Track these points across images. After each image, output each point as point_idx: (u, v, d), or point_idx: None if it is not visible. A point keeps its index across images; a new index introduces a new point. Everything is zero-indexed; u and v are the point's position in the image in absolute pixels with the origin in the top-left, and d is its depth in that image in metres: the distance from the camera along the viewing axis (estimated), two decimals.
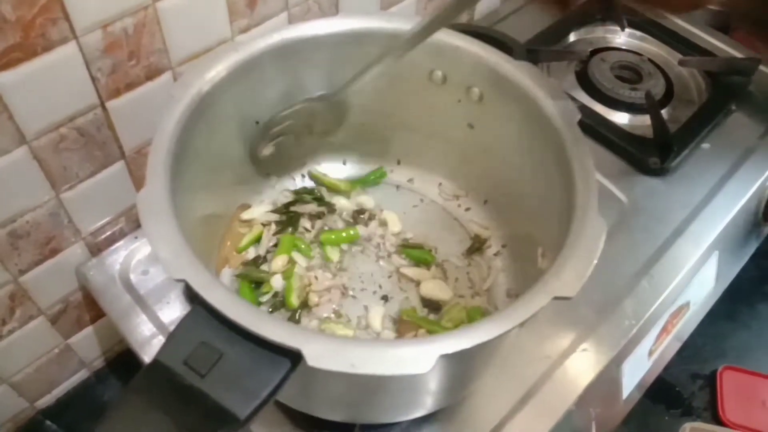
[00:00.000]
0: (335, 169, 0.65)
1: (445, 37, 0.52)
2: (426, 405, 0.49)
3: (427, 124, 0.60)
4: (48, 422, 0.71)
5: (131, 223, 0.64)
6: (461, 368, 0.45)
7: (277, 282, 0.56)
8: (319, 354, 0.34)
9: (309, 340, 0.34)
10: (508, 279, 0.59)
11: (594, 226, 0.40)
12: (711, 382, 0.79)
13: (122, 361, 0.75)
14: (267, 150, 0.56)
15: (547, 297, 0.37)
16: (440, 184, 0.64)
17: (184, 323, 0.36)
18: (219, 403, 0.34)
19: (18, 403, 0.68)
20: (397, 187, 0.65)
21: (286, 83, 0.54)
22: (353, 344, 0.35)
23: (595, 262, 0.38)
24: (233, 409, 0.34)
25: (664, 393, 0.78)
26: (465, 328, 0.36)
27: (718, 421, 0.77)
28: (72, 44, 0.48)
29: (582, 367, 0.57)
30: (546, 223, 0.48)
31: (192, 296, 0.37)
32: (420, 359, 0.34)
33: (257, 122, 0.54)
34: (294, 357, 0.35)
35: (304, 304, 0.55)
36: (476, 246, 0.60)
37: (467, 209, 0.63)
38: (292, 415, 0.52)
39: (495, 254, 0.60)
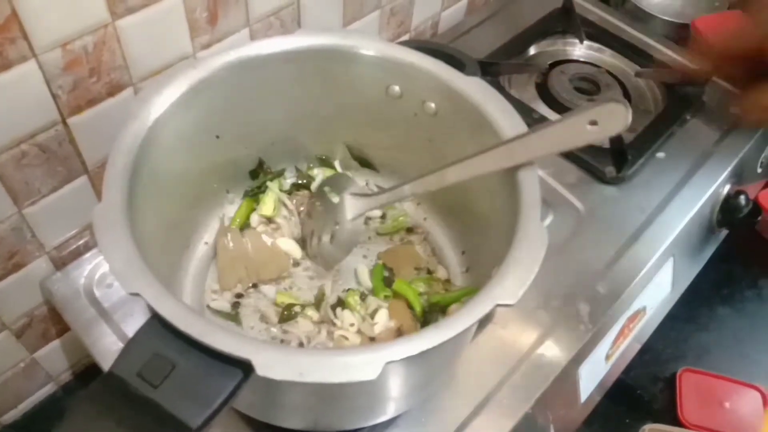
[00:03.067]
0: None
1: (399, 53, 0.54)
2: (385, 411, 0.50)
3: (387, 138, 0.61)
4: None
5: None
6: (414, 373, 0.46)
7: None
8: (268, 363, 0.35)
9: (259, 350, 0.35)
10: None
11: (537, 236, 0.42)
12: (671, 383, 0.81)
13: (90, 374, 0.75)
14: None
15: (490, 304, 0.38)
16: None
17: (138, 335, 0.37)
18: (172, 413, 0.35)
19: None
20: None
21: (246, 99, 0.55)
22: (302, 353, 0.36)
23: (537, 270, 0.40)
24: (185, 418, 0.35)
25: (625, 395, 0.80)
26: (411, 336, 0.37)
27: (677, 422, 0.79)
28: (31, 62, 0.49)
29: (539, 371, 0.59)
30: (497, 237, 0.50)
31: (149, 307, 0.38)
32: (367, 366, 0.35)
33: (217, 136, 0.56)
34: (245, 367, 0.36)
35: None
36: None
37: (425, 218, 0.64)
38: (254, 425, 0.53)
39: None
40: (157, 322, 0.37)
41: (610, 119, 0.43)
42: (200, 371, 0.36)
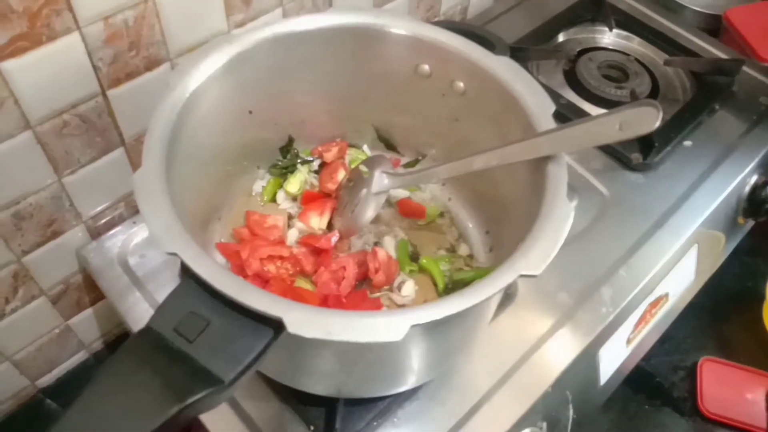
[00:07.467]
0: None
1: (431, 32, 0.55)
2: (407, 379, 0.51)
3: (413, 117, 0.62)
4: (48, 401, 0.74)
5: (130, 209, 0.67)
6: (436, 342, 0.47)
7: None
8: (298, 322, 0.36)
9: (290, 309, 0.37)
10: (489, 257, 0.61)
11: (562, 210, 0.42)
12: (691, 373, 0.81)
13: (120, 344, 0.77)
14: None
15: (514, 274, 0.39)
16: None
17: (175, 293, 0.39)
18: (205, 367, 0.36)
19: (20, 381, 0.71)
20: None
21: (278, 76, 0.57)
22: (331, 313, 0.37)
23: (561, 243, 0.41)
24: (218, 372, 0.36)
25: (645, 383, 0.80)
26: (436, 301, 0.38)
27: (697, 411, 0.79)
28: (75, 34, 0.51)
29: (559, 351, 0.60)
30: (522, 216, 0.50)
31: (183, 269, 0.40)
32: (393, 328, 0.37)
33: (250, 112, 0.57)
34: (276, 326, 0.37)
35: None
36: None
37: (449, 199, 0.65)
38: (278, 389, 0.55)
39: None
40: (193, 281, 0.39)
41: (641, 121, 0.43)
42: (233, 329, 0.38)
